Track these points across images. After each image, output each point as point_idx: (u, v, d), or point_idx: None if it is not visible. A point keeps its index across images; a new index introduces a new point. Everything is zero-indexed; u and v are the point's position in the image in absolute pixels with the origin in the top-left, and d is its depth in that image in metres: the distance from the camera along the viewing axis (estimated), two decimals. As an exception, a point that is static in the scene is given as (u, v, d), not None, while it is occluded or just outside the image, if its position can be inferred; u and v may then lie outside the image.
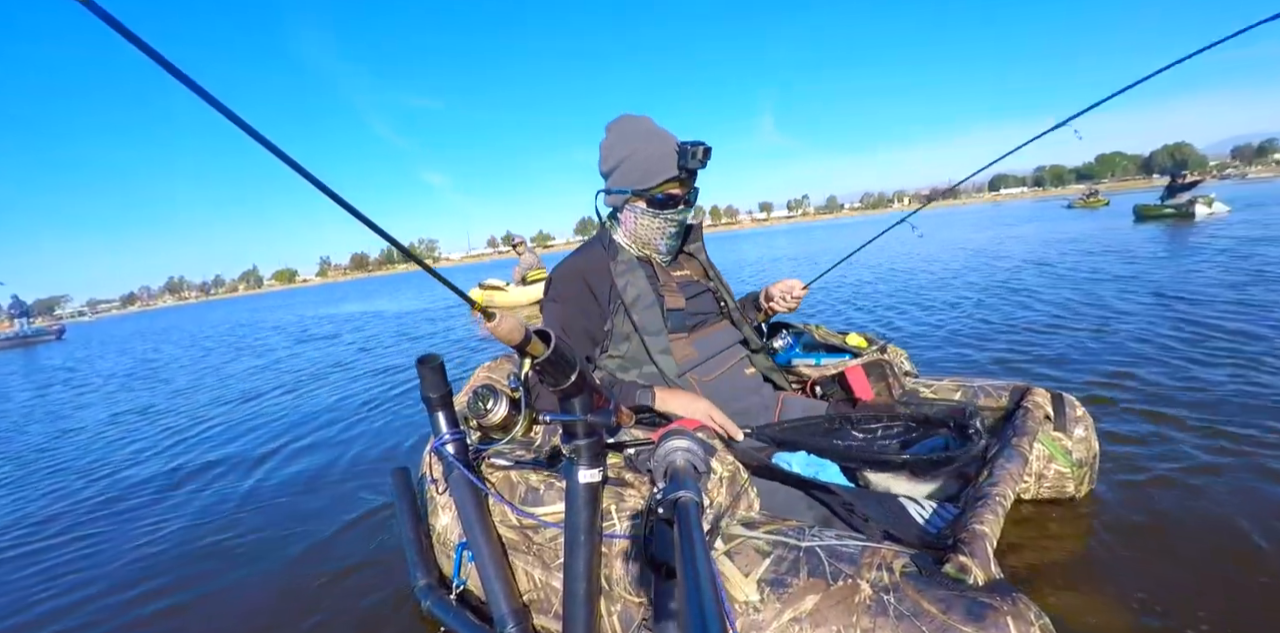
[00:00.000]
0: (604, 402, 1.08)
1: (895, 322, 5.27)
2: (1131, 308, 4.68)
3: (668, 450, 0.86)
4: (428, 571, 1.57)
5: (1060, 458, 1.71)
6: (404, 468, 1.83)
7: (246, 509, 2.72)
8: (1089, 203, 27.27)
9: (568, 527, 1.06)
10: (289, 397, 5.22)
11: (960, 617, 0.83)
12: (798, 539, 1.03)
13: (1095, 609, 1.38)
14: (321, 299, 30.94)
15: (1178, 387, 2.73)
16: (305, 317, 17.17)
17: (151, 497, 3.07)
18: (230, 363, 8.49)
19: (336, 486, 2.87)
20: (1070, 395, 1.75)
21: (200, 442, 4.14)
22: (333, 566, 2.07)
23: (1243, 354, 3.11)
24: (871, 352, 1.84)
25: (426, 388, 1.45)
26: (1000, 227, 19.15)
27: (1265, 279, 5.29)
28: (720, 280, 1.77)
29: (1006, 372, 3.33)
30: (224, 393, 5.94)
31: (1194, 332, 3.70)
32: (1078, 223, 17.25)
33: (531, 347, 0.88)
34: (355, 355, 7.27)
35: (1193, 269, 6.32)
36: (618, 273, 1.56)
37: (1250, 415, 2.33)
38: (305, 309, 21.66)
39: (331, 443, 3.63)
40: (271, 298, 60.41)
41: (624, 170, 1.54)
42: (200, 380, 7.14)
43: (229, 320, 21.64)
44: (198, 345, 12.69)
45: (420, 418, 3.80)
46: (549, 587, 1.27)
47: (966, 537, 1.01)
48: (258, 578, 2.07)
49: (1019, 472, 1.30)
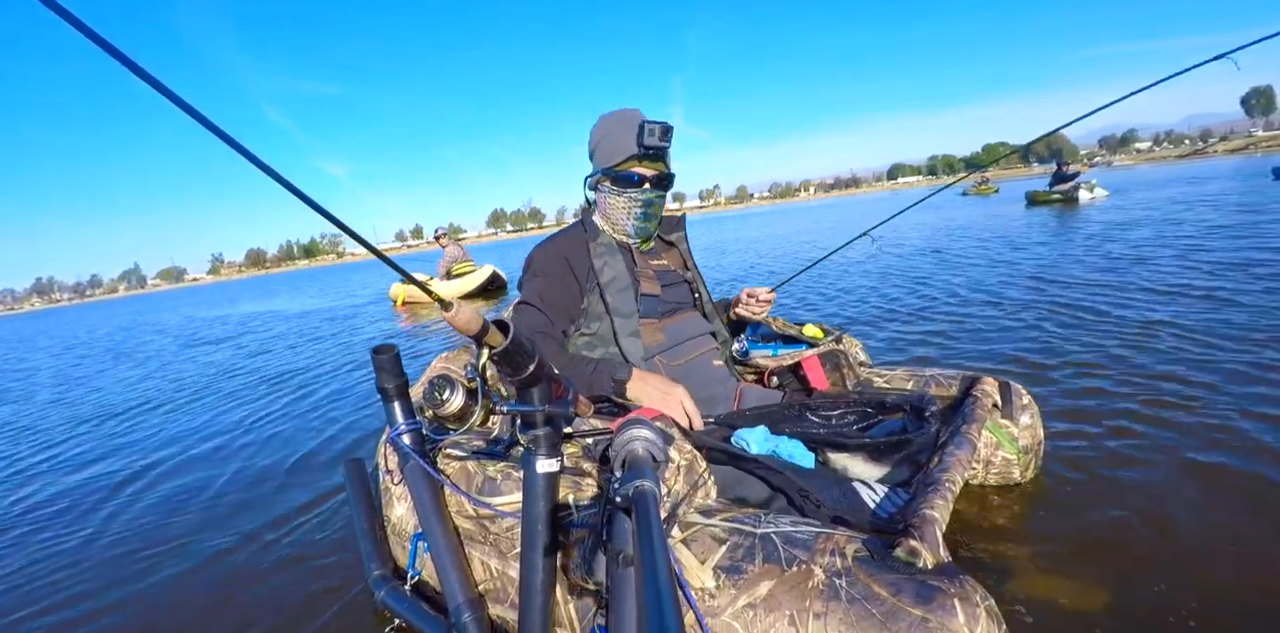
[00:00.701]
0: (562, 391, 1.07)
1: (799, 312, 5.46)
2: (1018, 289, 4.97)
3: (626, 439, 0.86)
4: (382, 562, 1.55)
5: (1007, 445, 1.76)
6: (358, 459, 1.80)
7: (178, 514, 2.64)
8: (980, 190, 28.73)
9: (525, 517, 1.06)
10: (165, 412, 4.80)
11: (910, 600, 0.85)
12: (754, 526, 1.05)
13: (1040, 588, 1.43)
14: (215, 299, 29.19)
15: (1096, 366, 2.85)
16: (196, 318, 16.03)
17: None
18: (106, 372, 7.85)
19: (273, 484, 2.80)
20: (1017, 384, 1.81)
21: (109, 445, 3.97)
22: (281, 557, 2.03)
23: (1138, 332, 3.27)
24: (827, 342, 1.87)
25: (382, 378, 1.43)
26: (922, 211, 19.84)
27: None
28: (697, 273, 1.80)
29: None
30: (107, 403, 5.57)
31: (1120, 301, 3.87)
32: (978, 208, 18.33)
33: (489, 337, 0.87)
34: (249, 360, 6.87)
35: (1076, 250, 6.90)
36: (596, 254, 1.62)
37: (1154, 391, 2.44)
38: (197, 310, 20.24)
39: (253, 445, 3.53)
40: (158, 299, 56.60)
41: (598, 153, 1.64)
42: (71, 392, 6.57)
43: (108, 324, 20.05)
44: (71, 352, 11.85)
45: (333, 420, 3.73)
46: (505, 576, 1.26)
47: (917, 522, 1.04)
48: (199, 575, 2.01)
49: (968, 458, 1.33)
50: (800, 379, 1.79)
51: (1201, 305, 3.84)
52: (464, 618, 1.24)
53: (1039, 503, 1.79)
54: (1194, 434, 2.12)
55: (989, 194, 27.51)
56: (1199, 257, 5.59)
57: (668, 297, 1.66)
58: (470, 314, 0.83)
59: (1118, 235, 7.98)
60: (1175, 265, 5.33)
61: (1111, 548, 1.57)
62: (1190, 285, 4.45)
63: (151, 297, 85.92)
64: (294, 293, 22.22)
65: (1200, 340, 3.12)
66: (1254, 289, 4.08)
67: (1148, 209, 11.47)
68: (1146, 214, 10.44)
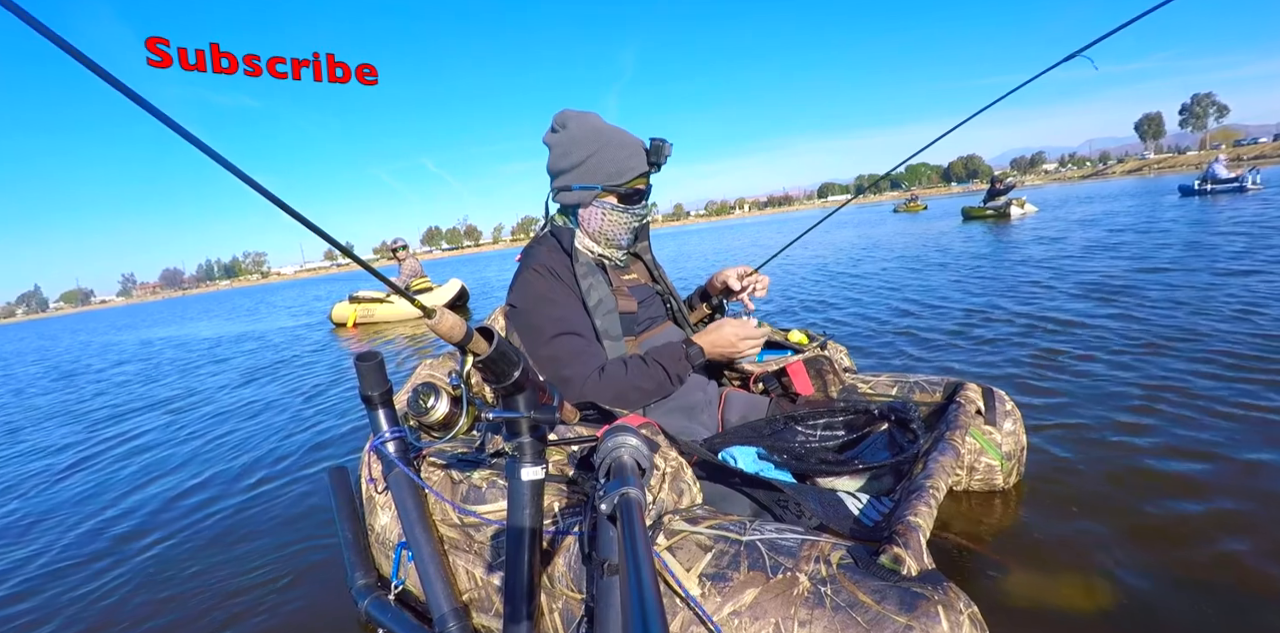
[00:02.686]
0: (547, 398, 1.07)
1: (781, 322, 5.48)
2: (970, 293, 5.05)
3: (611, 447, 0.86)
4: (366, 571, 1.53)
5: (990, 451, 1.77)
6: (342, 467, 1.79)
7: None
8: (910, 207, 29.85)
9: (510, 525, 1.05)
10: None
11: (894, 607, 0.85)
12: (739, 533, 1.05)
13: (1024, 593, 1.45)
14: (121, 323, 27.31)
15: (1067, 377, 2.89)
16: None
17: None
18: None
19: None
20: (1000, 391, 1.82)
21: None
22: (263, 567, 2.01)
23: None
24: (812, 348, 1.87)
25: (366, 386, 1.42)
26: (850, 228, 20.19)
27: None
28: (665, 281, 1.78)
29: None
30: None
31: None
32: (915, 224, 18.91)
33: (473, 344, 0.86)
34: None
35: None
36: (580, 275, 1.54)
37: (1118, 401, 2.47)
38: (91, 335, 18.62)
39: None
40: (59, 322, 53.43)
41: (591, 166, 1.51)
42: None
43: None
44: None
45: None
46: (490, 585, 1.26)
47: (901, 529, 1.04)
48: (180, 590, 1.99)
49: (951, 465, 1.34)
50: (785, 385, 1.79)
51: (1175, 311, 3.93)
52: (449, 627, 1.23)
53: (1022, 509, 1.80)
54: (1177, 439, 2.15)
55: (918, 211, 28.59)
56: (1134, 267, 5.91)
57: (643, 313, 1.62)
58: (454, 321, 0.83)
59: (1059, 247, 8.38)
60: (1125, 274, 5.58)
61: (1093, 553, 1.58)
62: (1150, 292, 4.63)
63: (51, 321, 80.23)
64: (210, 315, 20.94)
65: (1183, 350, 3.17)
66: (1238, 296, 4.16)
67: (1081, 223, 12.02)
68: (1078, 230, 10.83)
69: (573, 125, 1.54)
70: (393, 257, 9.60)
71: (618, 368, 1.45)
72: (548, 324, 1.49)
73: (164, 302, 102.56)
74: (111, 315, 51.48)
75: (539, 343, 1.49)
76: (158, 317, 28.64)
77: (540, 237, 1.66)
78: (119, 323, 28.72)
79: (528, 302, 1.53)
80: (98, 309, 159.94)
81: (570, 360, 1.45)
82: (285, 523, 2.37)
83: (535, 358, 1.48)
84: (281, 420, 4.09)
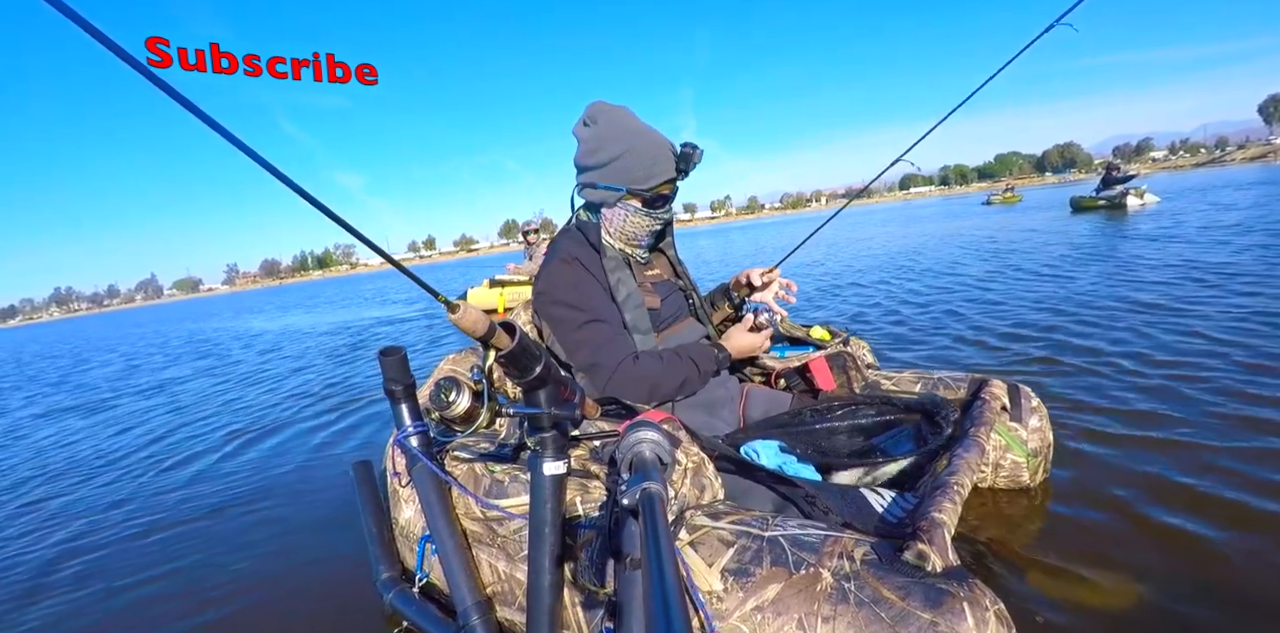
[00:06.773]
0: (569, 394, 1.07)
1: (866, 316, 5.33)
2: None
3: (633, 442, 0.86)
4: (390, 564, 1.55)
5: (1016, 448, 1.75)
6: (366, 461, 1.80)
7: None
8: (1006, 199, 28.78)
9: (532, 518, 1.06)
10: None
11: (919, 603, 0.85)
12: (761, 529, 1.04)
13: (1050, 591, 1.43)
14: (255, 308, 27.04)
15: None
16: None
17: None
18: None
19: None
20: (1026, 387, 1.80)
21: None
22: (288, 560, 2.04)
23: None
24: (835, 344, 1.86)
25: (389, 380, 1.43)
26: (946, 220, 19.18)
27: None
28: (688, 278, 1.77)
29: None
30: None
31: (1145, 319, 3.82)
32: (1023, 216, 17.49)
33: (496, 339, 0.87)
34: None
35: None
36: (609, 269, 1.53)
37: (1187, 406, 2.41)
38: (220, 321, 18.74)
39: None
40: (175, 308, 55.31)
41: (618, 167, 1.49)
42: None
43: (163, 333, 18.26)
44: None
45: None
46: (513, 579, 1.26)
47: (925, 525, 1.03)
48: (207, 582, 2.03)
49: (977, 461, 1.32)
50: (807, 381, 1.78)
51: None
52: (472, 621, 1.24)
53: (1048, 506, 1.78)
54: (1206, 438, 2.10)
55: (1014, 203, 27.33)
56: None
57: (666, 308, 1.61)
58: (476, 316, 0.84)
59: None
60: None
61: (1120, 553, 1.56)
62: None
63: (167, 306, 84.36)
64: (310, 306, 20.67)
65: (1228, 342, 3.09)
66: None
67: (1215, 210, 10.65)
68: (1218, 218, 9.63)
69: (603, 121, 1.51)
70: (523, 240, 8.83)
71: (652, 358, 1.46)
72: (579, 312, 1.48)
73: (263, 290, 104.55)
74: (219, 302, 53.20)
75: (569, 329, 1.49)
76: (273, 303, 29.13)
77: (567, 230, 1.65)
78: (249, 306, 29.31)
79: (559, 290, 1.52)
80: (205, 296, 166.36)
81: (602, 346, 1.45)
82: (314, 516, 2.40)
83: (565, 345, 1.50)
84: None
